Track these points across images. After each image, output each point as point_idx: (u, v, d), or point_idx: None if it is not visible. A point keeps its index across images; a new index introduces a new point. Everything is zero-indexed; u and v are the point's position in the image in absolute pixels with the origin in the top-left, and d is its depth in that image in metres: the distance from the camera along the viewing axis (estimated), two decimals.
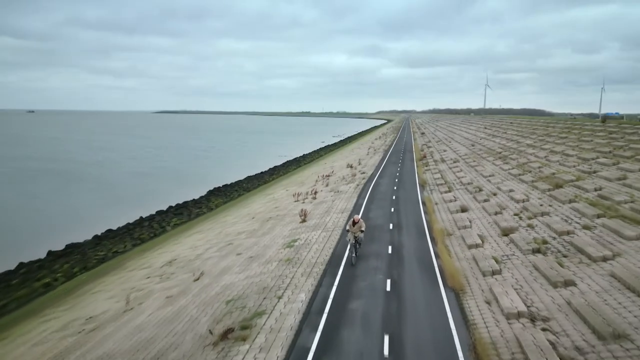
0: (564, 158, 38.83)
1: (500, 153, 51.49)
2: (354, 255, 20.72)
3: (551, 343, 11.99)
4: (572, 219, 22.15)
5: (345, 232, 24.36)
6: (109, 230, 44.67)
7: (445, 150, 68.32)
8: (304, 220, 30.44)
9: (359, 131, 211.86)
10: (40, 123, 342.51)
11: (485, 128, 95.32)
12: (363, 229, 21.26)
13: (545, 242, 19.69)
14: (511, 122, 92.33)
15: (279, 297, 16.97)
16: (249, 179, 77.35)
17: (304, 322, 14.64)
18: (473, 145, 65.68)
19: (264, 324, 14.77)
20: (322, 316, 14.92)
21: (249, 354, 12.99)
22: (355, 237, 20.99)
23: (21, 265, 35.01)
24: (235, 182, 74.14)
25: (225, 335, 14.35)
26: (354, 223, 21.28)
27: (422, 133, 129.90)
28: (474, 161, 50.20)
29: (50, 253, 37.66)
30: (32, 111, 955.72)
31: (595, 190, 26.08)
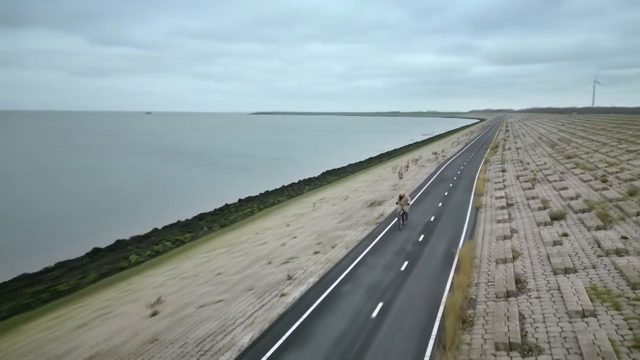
0: (592, 143, 53.37)
1: (554, 142, 65.83)
2: (401, 222, 23.69)
3: (507, 202, 29.92)
4: (557, 170, 38.70)
5: (395, 204, 27.55)
6: (266, 191, 67.04)
7: (516, 142, 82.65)
8: (401, 177, 49.46)
9: (447, 130, 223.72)
10: (172, 124, 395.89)
11: (562, 125, 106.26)
12: (409, 202, 23.96)
13: (534, 178, 36.81)
14: (587, 120, 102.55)
15: (392, 197, 36.38)
16: (350, 165, 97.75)
17: None
18: (540, 138, 79.44)
19: (386, 202, 34.26)
20: (413, 199, 34.10)
21: (383, 207, 32.51)
22: (402, 209, 23.92)
23: (188, 220, 56.99)
24: (340, 167, 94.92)
25: (372, 204, 34.11)
26: (400, 198, 24.07)
27: (507, 130, 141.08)
28: (532, 148, 65.22)
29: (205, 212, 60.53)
30: (150, 113, 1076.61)
31: (588, 159, 41.79)
